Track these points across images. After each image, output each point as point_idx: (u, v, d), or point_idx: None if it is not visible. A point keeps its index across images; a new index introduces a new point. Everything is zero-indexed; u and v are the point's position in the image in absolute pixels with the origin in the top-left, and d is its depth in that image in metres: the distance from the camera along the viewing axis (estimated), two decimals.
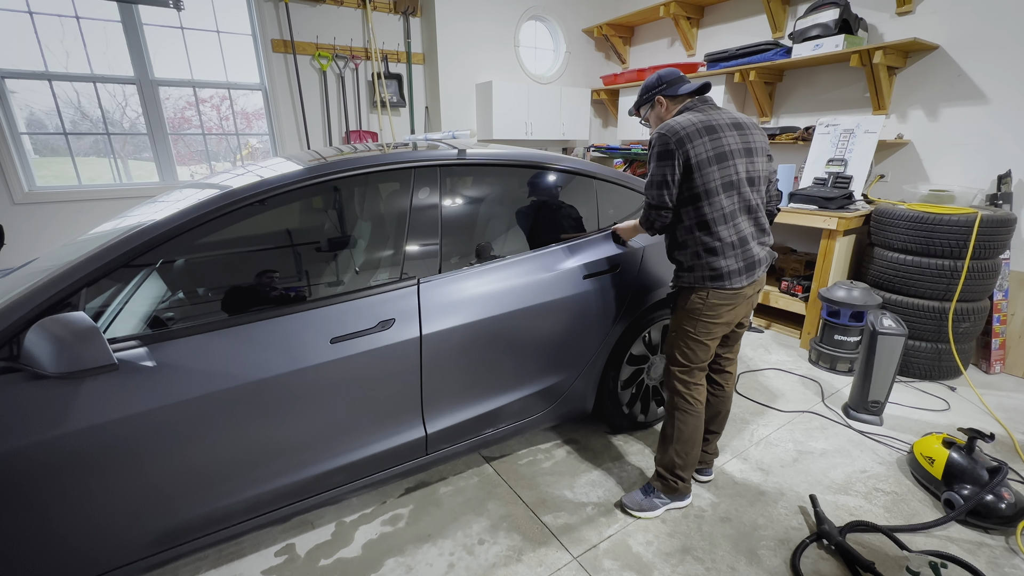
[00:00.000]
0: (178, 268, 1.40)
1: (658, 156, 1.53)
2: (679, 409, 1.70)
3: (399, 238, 1.63)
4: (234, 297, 1.42)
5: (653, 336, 2.15)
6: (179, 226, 1.31)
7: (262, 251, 1.53)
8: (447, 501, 1.89)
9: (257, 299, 1.44)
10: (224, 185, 1.48)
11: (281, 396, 1.39)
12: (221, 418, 1.32)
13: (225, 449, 1.35)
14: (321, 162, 1.56)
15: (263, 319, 1.39)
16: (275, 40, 3.81)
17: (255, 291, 1.46)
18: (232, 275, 1.45)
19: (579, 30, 5.16)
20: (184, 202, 1.42)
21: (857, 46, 3.17)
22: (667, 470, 1.77)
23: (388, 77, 4.31)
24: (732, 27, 4.24)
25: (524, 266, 1.82)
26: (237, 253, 1.50)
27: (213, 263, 1.47)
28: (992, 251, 2.63)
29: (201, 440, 1.31)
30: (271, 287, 1.47)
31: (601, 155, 5.31)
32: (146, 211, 1.54)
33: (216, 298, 1.43)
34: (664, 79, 1.66)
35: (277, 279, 1.49)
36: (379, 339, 1.51)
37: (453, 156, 1.74)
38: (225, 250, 1.48)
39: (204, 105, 3.89)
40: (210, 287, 1.45)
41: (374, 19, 4.14)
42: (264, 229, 1.52)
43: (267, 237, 1.53)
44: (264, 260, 1.51)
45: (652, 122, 1.73)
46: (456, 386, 1.71)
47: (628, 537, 1.71)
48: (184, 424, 1.27)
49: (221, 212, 1.37)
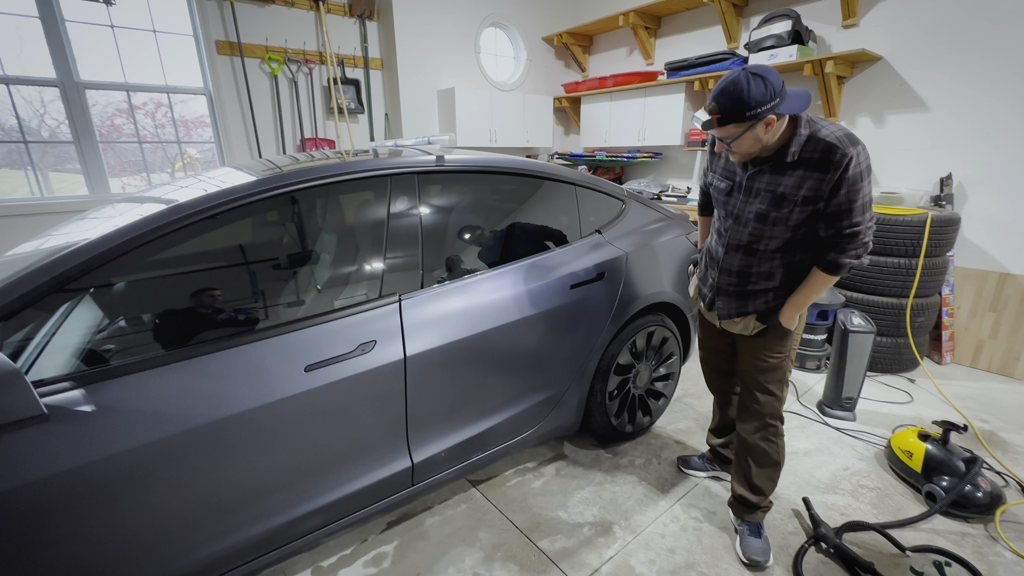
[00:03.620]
0: (120, 294, 1.20)
1: (868, 171, 1.29)
2: (781, 436, 1.62)
3: (377, 252, 1.50)
4: (189, 325, 1.24)
5: (638, 344, 2.11)
6: (120, 245, 1.13)
7: (220, 270, 1.35)
8: (434, 533, 1.75)
9: (217, 326, 1.26)
10: (170, 198, 1.30)
11: (248, 435, 1.22)
12: (176, 466, 1.14)
13: (182, 501, 1.17)
14: (286, 169, 1.41)
15: (225, 348, 1.22)
16: (220, 41, 3.55)
17: (214, 317, 1.28)
18: (186, 300, 1.27)
19: (539, 38, 5.16)
20: (123, 218, 1.23)
21: (809, 56, 3.32)
22: (768, 496, 1.68)
23: (345, 82, 4.12)
24: (689, 37, 4.36)
25: (510, 277, 1.72)
26: (192, 274, 1.31)
27: (165, 286, 1.28)
28: (941, 249, 2.78)
29: (152, 493, 1.12)
30: (233, 312, 1.30)
31: (565, 162, 5.31)
32: (77, 229, 1.34)
33: (168, 327, 1.24)
34: (779, 89, 1.22)
35: (240, 302, 1.32)
36: (359, 363, 1.36)
37: (432, 163, 1.63)
38: (178, 270, 1.29)
39: (137, 112, 3.56)
40: (160, 315, 1.26)
41: (328, 22, 3.95)
42: (220, 246, 1.34)
43: (224, 255, 1.36)
44: (224, 281, 1.33)
45: (746, 142, 1.28)
46: (443, 410, 1.58)
47: (630, 557, 1.63)
48: (131, 477, 1.08)
49: (171, 228, 1.19)
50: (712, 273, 1.59)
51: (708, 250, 1.63)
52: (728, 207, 1.48)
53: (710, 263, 1.60)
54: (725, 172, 1.50)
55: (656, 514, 1.82)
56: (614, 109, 4.69)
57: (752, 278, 1.50)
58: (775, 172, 1.35)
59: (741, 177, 1.43)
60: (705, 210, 1.78)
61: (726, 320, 1.59)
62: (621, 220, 2.15)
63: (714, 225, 1.60)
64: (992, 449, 2.20)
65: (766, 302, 1.51)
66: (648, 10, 4.33)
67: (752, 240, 1.44)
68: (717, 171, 1.54)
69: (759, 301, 1.51)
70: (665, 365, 2.28)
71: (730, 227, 1.48)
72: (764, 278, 1.49)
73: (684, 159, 4.59)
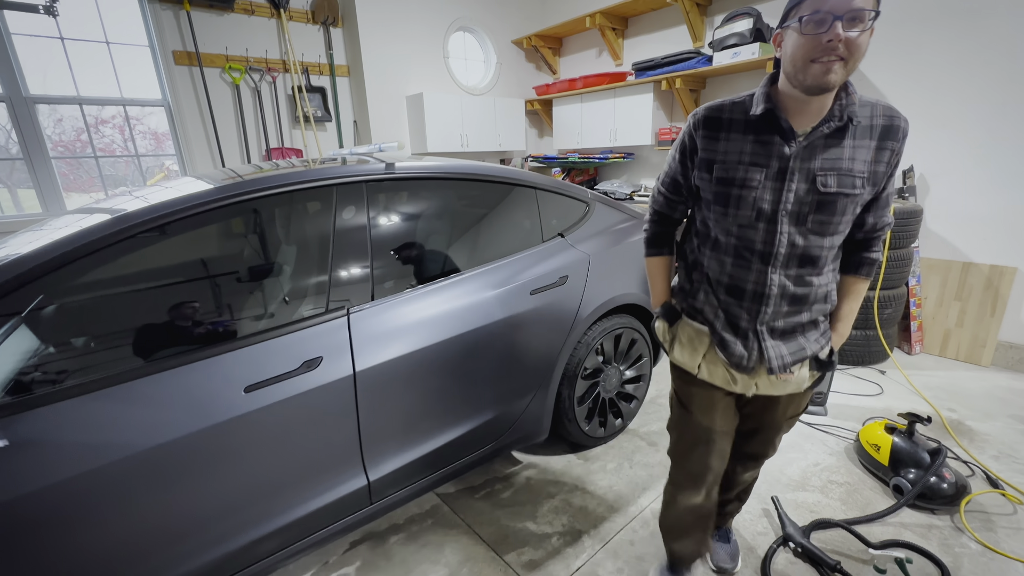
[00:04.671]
0: (44, 316, 1.14)
1: None
2: None
3: (323, 264, 1.45)
4: (118, 348, 1.18)
5: (606, 347, 2.08)
6: (45, 264, 1.07)
7: (155, 289, 1.29)
8: (399, 551, 1.69)
9: (148, 347, 1.20)
10: (116, 209, 1.25)
11: (186, 462, 1.16)
12: (107, 499, 1.08)
13: (114, 535, 1.11)
14: (231, 181, 1.35)
15: (158, 372, 1.16)
16: (177, 52, 3.46)
17: (146, 338, 1.22)
18: (115, 321, 1.20)
19: (508, 41, 5.15)
20: (57, 233, 1.17)
21: (771, 54, 3.34)
22: None
23: (311, 90, 4.06)
24: (655, 37, 4.38)
25: (466, 286, 1.68)
26: (122, 294, 1.25)
27: (91, 307, 1.21)
28: (906, 240, 2.81)
29: (81, 529, 1.06)
30: (166, 332, 1.24)
31: (539, 164, 5.30)
32: (10, 245, 1.27)
33: (94, 351, 1.18)
34: None
35: (174, 321, 1.25)
36: (304, 382, 1.31)
37: (380, 170, 1.58)
38: (107, 290, 1.23)
39: (105, 126, 3.47)
40: (86, 338, 1.19)
41: (291, 29, 3.89)
42: (151, 264, 1.28)
43: (156, 273, 1.30)
44: (158, 299, 1.27)
45: (863, 44, 0.87)
46: (399, 425, 1.54)
47: (598, 567, 1.60)
48: (56, 513, 1.02)
49: (103, 244, 1.14)
50: (741, 312, 1.09)
51: (716, 283, 1.13)
52: (761, 204, 1.01)
53: (730, 301, 1.10)
54: (753, 156, 1.01)
55: (626, 520, 1.79)
56: (585, 110, 4.69)
57: (810, 302, 1.08)
58: (832, 142, 0.97)
59: (788, 152, 0.97)
60: (660, 241, 1.29)
61: (775, 378, 1.12)
62: (585, 223, 2.13)
63: (717, 246, 1.11)
64: (959, 438, 2.22)
65: (823, 334, 1.14)
66: (614, 11, 4.34)
67: (812, 244, 1.02)
68: (729, 158, 1.04)
69: (816, 335, 1.12)
70: (635, 367, 2.26)
71: (765, 232, 1.02)
72: (823, 299, 1.09)
73: (656, 158, 4.60)
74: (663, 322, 1.26)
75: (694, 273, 1.19)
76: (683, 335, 1.21)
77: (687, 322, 1.20)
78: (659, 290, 1.30)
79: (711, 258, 1.13)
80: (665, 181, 1.24)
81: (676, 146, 1.17)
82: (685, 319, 1.21)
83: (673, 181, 1.21)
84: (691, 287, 1.20)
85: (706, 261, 1.14)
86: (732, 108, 1.06)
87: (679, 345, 1.22)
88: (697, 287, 1.18)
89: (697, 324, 1.17)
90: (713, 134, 1.07)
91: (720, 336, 1.12)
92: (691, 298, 1.19)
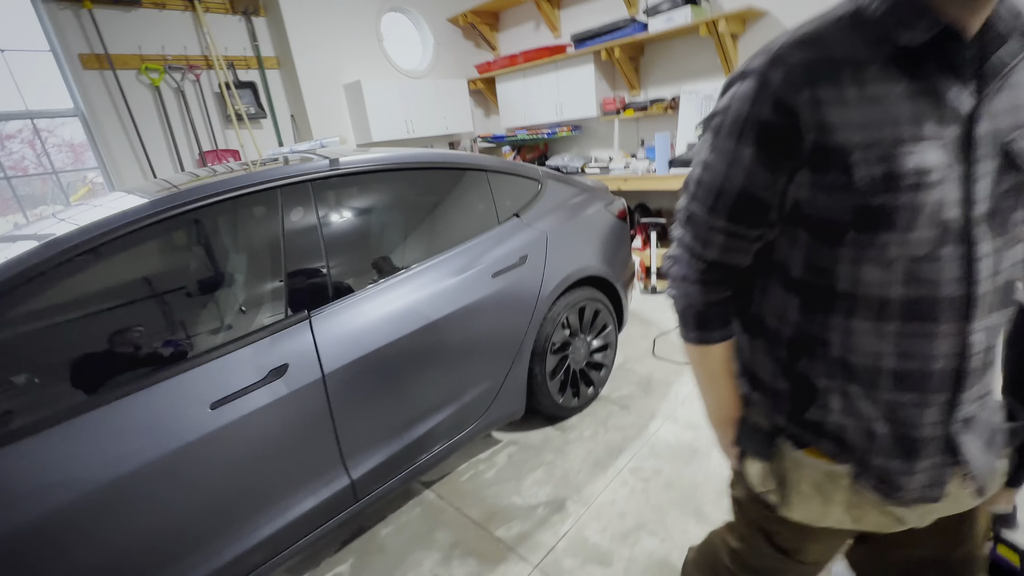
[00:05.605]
0: None
1: None
2: None
3: (276, 269, 1.41)
4: (64, 382, 1.12)
5: (571, 320, 2.14)
6: None
7: (98, 314, 1.22)
8: (390, 543, 1.72)
9: (101, 376, 1.15)
10: (43, 235, 1.18)
11: (158, 487, 1.14)
12: (70, 538, 1.04)
13: (91, 569, 1.08)
14: (167, 193, 1.29)
15: (113, 400, 1.11)
16: (84, 55, 3.19)
17: (97, 367, 1.16)
18: (56, 353, 1.14)
19: (444, 19, 5.01)
20: None
21: (703, 17, 3.41)
22: None
23: (240, 86, 3.83)
24: (591, 7, 4.37)
25: (427, 275, 1.68)
26: (61, 323, 1.18)
27: (28, 341, 1.14)
28: None
29: (61, 564, 1.02)
30: (119, 358, 1.19)
31: (489, 145, 5.26)
32: None
33: (42, 387, 1.12)
34: None
35: (121, 347, 1.20)
36: (273, 391, 1.29)
37: (325, 168, 1.54)
38: (44, 321, 1.16)
39: (12, 141, 3.18)
40: (28, 374, 1.13)
41: (209, 22, 3.64)
42: (94, 288, 1.21)
43: (102, 295, 1.23)
44: (102, 325, 1.21)
45: None
46: (376, 421, 1.54)
47: (584, 529, 1.68)
48: (13, 563, 0.98)
49: (34, 274, 1.07)
50: (923, 412, 0.62)
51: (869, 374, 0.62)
52: (945, 211, 0.55)
53: (902, 398, 0.62)
54: (915, 121, 0.53)
55: (606, 482, 1.88)
56: (529, 86, 4.66)
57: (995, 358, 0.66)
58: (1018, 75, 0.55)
59: (971, 105, 0.53)
60: (719, 313, 0.74)
61: (976, 488, 0.66)
62: (538, 201, 2.15)
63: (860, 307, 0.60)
64: None
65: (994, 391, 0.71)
66: None
67: (1014, 263, 0.60)
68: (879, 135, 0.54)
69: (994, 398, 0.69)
70: (601, 336, 2.34)
71: (956, 261, 0.56)
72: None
73: (603, 129, 4.65)
74: (758, 463, 0.74)
75: (801, 362, 0.67)
76: (803, 482, 0.70)
77: (804, 459, 0.69)
78: (724, 398, 0.78)
79: (850, 331, 0.61)
80: (723, 203, 0.65)
81: (736, 133, 0.61)
82: (798, 453, 0.70)
83: (748, 202, 0.63)
84: (798, 390, 0.68)
85: (836, 338, 0.63)
86: (843, 37, 0.55)
87: (798, 497, 0.70)
88: (811, 390, 0.67)
89: (826, 463, 0.68)
90: (835, 93, 0.54)
91: (882, 470, 0.64)
92: (800, 410, 0.69)
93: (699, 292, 0.72)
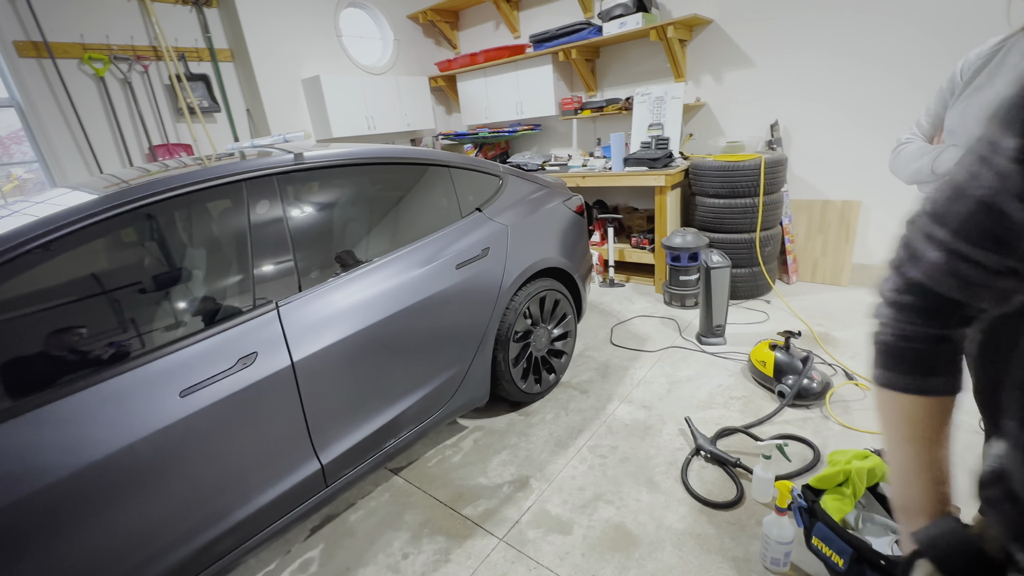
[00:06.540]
0: None
1: None
2: None
3: (243, 262, 1.44)
4: (35, 370, 1.12)
5: (532, 310, 2.25)
6: None
7: (59, 307, 1.22)
8: (360, 527, 1.77)
9: (70, 366, 1.16)
10: None
11: (122, 475, 1.15)
12: (36, 527, 1.05)
13: (57, 557, 1.08)
14: (124, 187, 1.29)
15: (82, 389, 1.12)
16: (20, 42, 3.02)
17: (65, 357, 1.16)
18: (18, 346, 1.14)
19: (403, 16, 5.01)
20: None
21: (653, 23, 3.60)
22: None
23: (192, 79, 3.72)
24: (549, 8, 4.50)
25: (393, 267, 1.74)
26: (21, 317, 1.18)
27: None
28: (776, 186, 3.25)
29: (30, 552, 1.03)
30: (87, 348, 1.19)
31: (450, 142, 5.30)
32: None
33: (9, 377, 1.11)
34: None
35: (94, 336, 1.21)
36: (242, 378, 1.33)
37: (290, 162, 1.57)
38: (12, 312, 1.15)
39: None
40: None
41: (157, 11, 3.52)
42: (62, 278, 1.21)
43: (68, 288, 1.23)
44: (64, 318, 1.21)
45: None
46: (345, 407, 1.59)
47: (546, 503, 1.79)
48: None
49: None
50: None
51: None
52: None
53: None
54: None
55: (567, 460, 2.00)
56: (490, 85, 4.74)
57: None
58: None
59: None
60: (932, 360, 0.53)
61: None
62: (500, 196, 2.25)
63: None
64: (825, 346, 2.68)
65: None
66: None
67: None
68: None
69: None
70: (561, 325, 2.46)
71: None
72: None
73: (562, 128, 4.79)
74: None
75: None
76: None
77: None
78: (912, 475, 0.56)
79: None
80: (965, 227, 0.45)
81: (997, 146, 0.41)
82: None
83: (995, 223, 0.43)
84: None
85: None
86: None
87: None
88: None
89: None
90: None
91: None
92: None
93: (901, 330, 0.54)
